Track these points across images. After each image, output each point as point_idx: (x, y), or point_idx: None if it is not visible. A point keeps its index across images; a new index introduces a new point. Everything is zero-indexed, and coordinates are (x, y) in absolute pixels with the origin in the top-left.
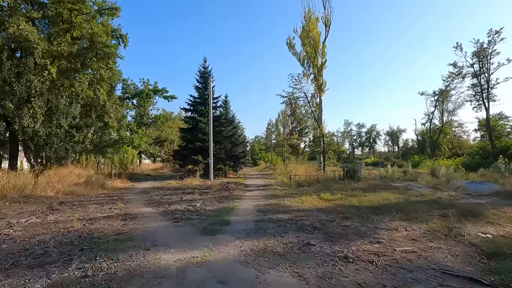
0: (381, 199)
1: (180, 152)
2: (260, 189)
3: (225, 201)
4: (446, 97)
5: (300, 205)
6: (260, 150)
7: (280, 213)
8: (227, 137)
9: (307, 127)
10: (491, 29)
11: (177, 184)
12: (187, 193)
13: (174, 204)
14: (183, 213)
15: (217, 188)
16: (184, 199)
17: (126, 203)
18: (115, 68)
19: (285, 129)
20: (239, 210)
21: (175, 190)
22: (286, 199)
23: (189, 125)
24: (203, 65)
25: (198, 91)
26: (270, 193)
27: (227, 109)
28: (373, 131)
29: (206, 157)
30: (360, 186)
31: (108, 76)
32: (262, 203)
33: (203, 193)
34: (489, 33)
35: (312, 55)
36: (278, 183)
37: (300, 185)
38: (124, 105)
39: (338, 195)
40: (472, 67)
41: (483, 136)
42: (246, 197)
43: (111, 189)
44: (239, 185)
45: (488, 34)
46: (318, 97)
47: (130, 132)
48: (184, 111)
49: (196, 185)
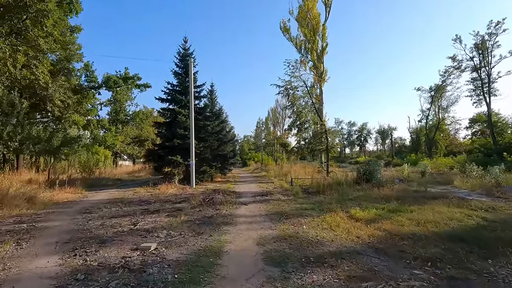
0: (445, 218)
1: (155, 152)
2: (258, 201)
3: (206, 231)
4: (442, 92)
5: (332, 236)
6: (250, 150)
7: (310, 264)
8: (214, 133)
9: (307, 121)
10: (491, 20)
11: (146, 193)
12: (150, 212)
13: (112, 242)
14: (107, 283)
15: (198, 201)
16: (137, 228)
17: (24, 243)
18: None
19: (276, 127)
20: (230, 259)
21: (137, 205)
22: (303, 221)
23: (166, 119)
24: (183, 46)
25: (177, 78)
26: (275, 209)
27: (213, 101)
28: (364, 130)
29: (188, 158)
30: (387, 194)
31: (48, 48)
32: (269, 233)
33: (174, 212)
34: (489, 25)
35: (311, 39)
36: (277, 189)
37: (307, 192)
38: (89, 97)
39: (373, 211)
40: (472, 60)
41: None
42: (240, 220)
43: (41, 206)
44: (229, 195)
45: (488, 26)
46: (319, 87)
47: (103, 130)
48: (160, 101)
49: (170, 195)
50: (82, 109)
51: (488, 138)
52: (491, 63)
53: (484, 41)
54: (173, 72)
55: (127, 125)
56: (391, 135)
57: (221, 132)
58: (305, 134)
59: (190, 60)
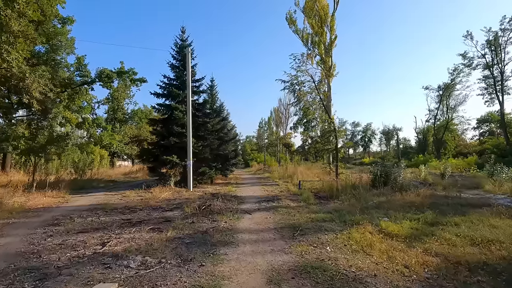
0: (510, 236)
1: (149, 151)
2: (264, 209)
3: (196, 256)
4: (451, 91)
5: (371, 266)
6: (252, 151)
7: None
8: (214, 131)
9: (314, 119)
10: (504, 15)
11: (136, 197)
12: (131, 225)
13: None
14: None
15: (193, 209)
16: (104, 252)
17: None
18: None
19: (279, 128)
20: None
21: (119, 214)
22: (324, 238)
23: (162, 115)
24: (181, 37)
25: (174, 71)
26: (285, 220)
27: (214, 97)
28: (368, 130)
29: (185, 158)
30: (414, 200)
31: (21, 31)
32: (282, 261)
33: (160, 225)
34: (502, 21)
35: (319, 31)
36: (284, 193)
37: (319, 197)
38: (82, 93)
39: (407, 223)
40: (484, 57)
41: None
42: (243, 237)
43: (5, 213)
44: (230, 200)
45: (501, 21)
46: (327, 83)
47: (100, 129)
48: (156, 96)
49: (163, 199)
50: (75, 105)
51: (501, 138)
52: (505, 60)
53: (497, 37)
54: (170, 65)
55: (125, 124)
56: (397, 136)
57: (222, 130)
58: (312, 133)
59: (187, 50)
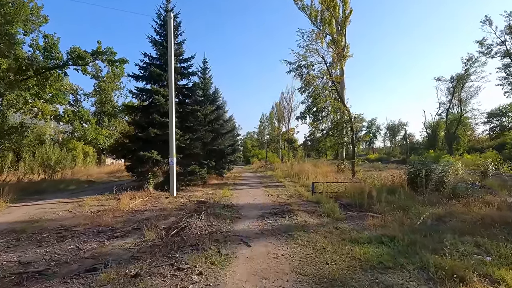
0: None
1: (125, 145)
2: (269, 232)
3: None
4: (465, 82)
5: None
6: (253, 147)
7: None
8: (208, 123)
9: (326, 108)
10: None
11: (94, 207)
12: (16, 283)
13: None
14: None
15: (157, 234)
16: None
17: None
18: None
19: (281, 123)
20: None
21: (35, 243)
22: None
23: (142, 102)
24: (165, 7)
25: (156, 48)
26: (310, 264)
27: (206, 81)
28: (373, 126)
29: (169, 153)
30: (487, 213)
31: None
32: None
33: (73, 283)
34: None
35: (330, 4)
36: (295, 198)
37: (344, 206)
38: (54, 78)
39: None
40: (504, 44)
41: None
42: None
43: None
44: (219, 215)
45: None
46: (339, 67)
47: (85, 124)
48: (135, 79)
49: (127, 212)
50: (45, 94)
51: None
52: None
53: None
54: (151, 40)
55: (115, 118)
56: (405, 131)
57: (217, 121)
58: (323, 124)
59: (169, 15)
